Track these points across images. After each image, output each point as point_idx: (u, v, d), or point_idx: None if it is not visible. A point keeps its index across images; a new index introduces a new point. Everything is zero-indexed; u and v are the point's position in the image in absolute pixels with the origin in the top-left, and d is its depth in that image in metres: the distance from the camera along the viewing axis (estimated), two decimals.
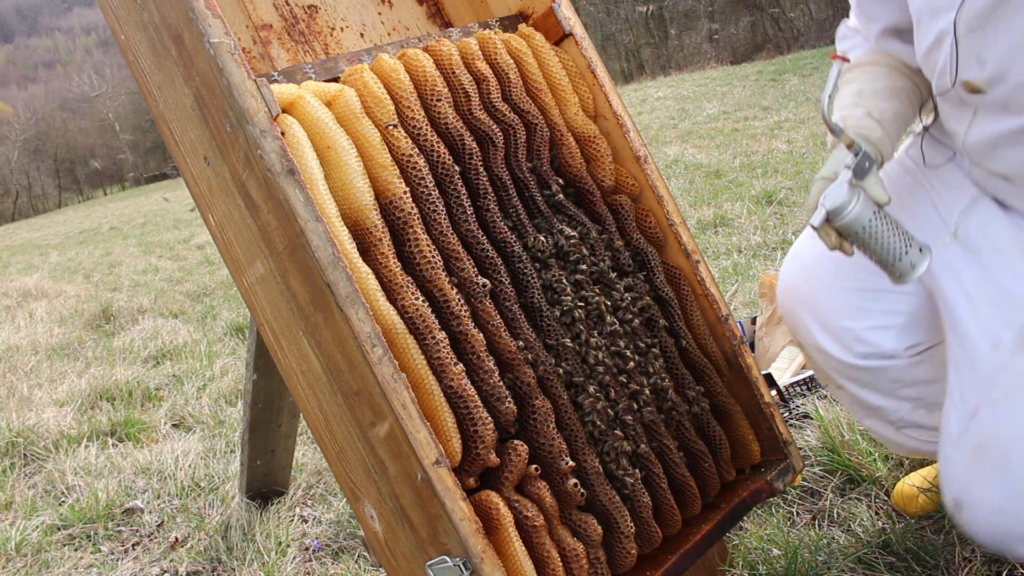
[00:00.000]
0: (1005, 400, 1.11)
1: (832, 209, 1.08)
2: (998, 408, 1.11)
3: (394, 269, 1.00)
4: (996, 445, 1.10)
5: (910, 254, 1.09)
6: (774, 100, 8.28)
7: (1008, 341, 1.12)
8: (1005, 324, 1.13)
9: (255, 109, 0.93)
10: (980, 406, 1.13)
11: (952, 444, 1.16)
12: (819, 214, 1.09)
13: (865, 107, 1.19)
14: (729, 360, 1.33)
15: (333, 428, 1.04)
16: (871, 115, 1.18)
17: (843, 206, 1.07)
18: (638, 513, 1.14)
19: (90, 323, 4.61)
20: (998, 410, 1.11)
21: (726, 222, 3.96)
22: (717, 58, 18.58)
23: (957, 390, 1.18)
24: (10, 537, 2.02)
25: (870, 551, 1.44)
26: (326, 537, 1.85)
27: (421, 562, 1.00)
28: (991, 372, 1.13)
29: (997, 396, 1.12)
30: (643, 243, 1.28)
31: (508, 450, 1.02)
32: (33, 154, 43.52)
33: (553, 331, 1.11)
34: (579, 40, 1.30)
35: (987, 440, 1.11)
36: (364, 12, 1.42)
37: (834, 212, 1.08)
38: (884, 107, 1.19)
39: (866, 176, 1.09)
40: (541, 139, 1.21)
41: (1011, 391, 1.10)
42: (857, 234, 1.08)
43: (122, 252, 8.94)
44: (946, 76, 1.08)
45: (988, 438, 1.11)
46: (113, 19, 1.10)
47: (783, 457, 1.33)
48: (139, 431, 2.65)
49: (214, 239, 1.10)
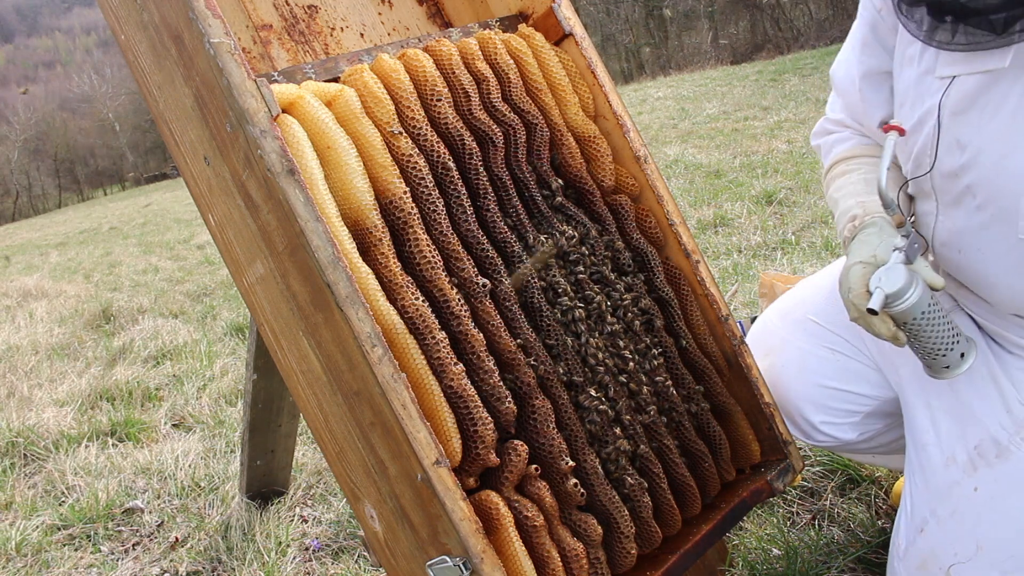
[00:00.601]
0: (951, 519, 1.08)
1: (892, 293, 1.00)
2: (944, 526, 1.08)
3: (394, 269, 1.00)
4: (936, 565, 1.08)
5: (955, 350, 1.03)
6: (774, 100, 8.28)
7: (962, 459, 1.10)
8: (961, 441, 1.11)
9: (255, 109, 0.93)
10: (927, 521, 1.11)
11: (899, 559, 1.15)
12: (878, 298, 1.01)
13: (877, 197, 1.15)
14: (729, 360, 1.33)
15: (333, 428, 1.04)
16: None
17: (903, 290, 1.00)
18: (638, 513, 1.14)
19: (90, 323, 4.61)
20: (944, 528, 1.08)
21: (726, 222, 3.96)
22: (717, 58, 18.58)
23: (909, 500, 1.16)
24: (10, 537, 2.02)
25: (870, 551, 1.44)
26: (326, 537, 1.85)
27: (421, 562, 1.00)
28: (943, 487, 1.10)
29: (944, 514, 1.09)
30: (643, 243, 1.28)
31: (508, 450, 1.02)
32: (33, 154, 43.52)
33: (553, 331, 1.11)
34: (579, 40, 1.30)
35: (930, 557, 1.09)
36: (364, 12, 1.42)
37: (893, 296, 1.01)
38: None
39: (916, 259, 1.04)
40: (541, 139, 1.21)
41: (958, 510, 1.08)
42: (914, 320, 1.02)
43: (122, 252, 8.95)
44: (925, 158, 1.05)
45: (931, 556, 1.09)
46: (113, 19, 1.10)
47: (783, 457, 1.33)
48: (139, 431, 2.65)
49: (214, 239, 1.10)
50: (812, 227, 3.58)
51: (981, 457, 1.08)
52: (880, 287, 1.01)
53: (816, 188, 4.24)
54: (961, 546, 1.06)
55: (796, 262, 3.11)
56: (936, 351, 1.03)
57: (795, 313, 1.41)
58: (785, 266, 3.11)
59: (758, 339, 1.44)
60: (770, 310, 1.48)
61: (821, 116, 1.36)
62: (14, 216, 37.91)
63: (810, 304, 1.39)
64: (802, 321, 1.38)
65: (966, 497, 1.07)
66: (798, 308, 1.41)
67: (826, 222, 3.58)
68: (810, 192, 4.21)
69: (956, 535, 1.07)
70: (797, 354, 1.35)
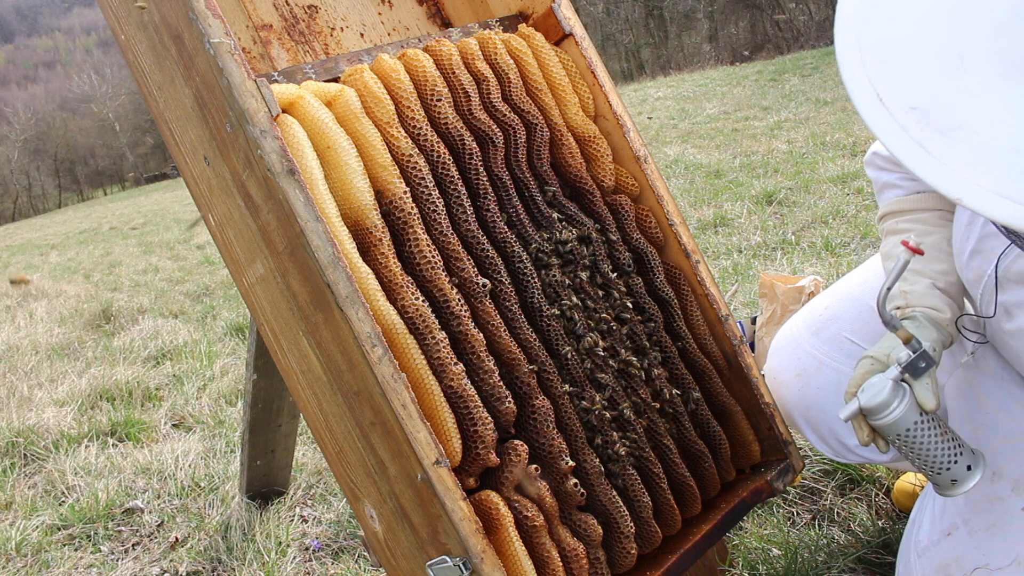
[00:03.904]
0: (987, 531, 1.04)
1: (868, 408, 0.96)
2: (975, 537, 1.04)
3: (394, 269, 1.00)
4: (960, 570, 1.04)
5: (958, 464, 0.97)
6: (774, 100, 8.28)
7: (1012, 477, 1.05)
8: (1014, 459, 1.06)
9: (255, 109, 0.93)
10: (958, 527, 1.06)
11: (917, 552, 1.11)
12: (850, 408, 0.97)
13: (929, 275, 1.09)
14: (729, 360, 1.33)
15: (333, 428, 1.04)
16: (936, 286, 1.08)
17: (882, 406, 0.96)
18: (638, 513, 1.14)
19: (90, 323, 4.61)
20: (975, 538, 1.04)
21: (726, 222, 3.96)
22: (717, 58, 18.58)
23: (940, 502, 1.11)
24: (10, 537, 2.02)
25: (870, 551, 1.44)
26: (326, 537, 1.85)
27: (421, 562, 1.00)
28: (982, 500, 1.06)
29: (979, 525, 1.05)
30: (643, 243, 1.28)
31: (508, 450, 1.02)
32: (33, 154, 43.52)
33: (553, 331, 1.11)
34: (579, 40, 1.30)
35: (953, 562, 1.05)
36: (364, 12, 1.42)
37: (870, 411, 0.97)
38: (946, 268, 1.09)
39: (919, 376, 0.98)
40: (541, 139, 1.21)
41: (998, 525, 1.03)
42: (899, 436, 0.98)
43: (122, 252, 8.94)
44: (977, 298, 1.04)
45: (954, 561, 1.05)
46: (113, 19, 1.10)
47: (783, 457, 1.33)
48: (139, 431, 2.65)
49: (214, 239, 1.10)
50: (812, 227, 3.58)
51: None
52: (859, 396, 0.98)
53: (816, 188, 4.25)
54: (995, 557, 1.02)
55: (796, 262, 3.11)
56: (934, 466, 0.99)
57: (828, 330, 1.36)
58: (785, 266, 3.11)
59: (786, 355, 1.39)
60: (798, 323, 1.42)
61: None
62: (14, 216, 37.91)
63: (845, 322, 1.34)
64: (837, 339, 1.33)
65: (1010, 514, 1.03)
66: (831, 325, 1.36)
67: (826, 222, 3.59)
68: (810, 192, 4.21)
69: (990, 546, 1.03)
70: (834, 376, 1.30)
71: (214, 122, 0.98)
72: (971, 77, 0.67)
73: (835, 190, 4.13)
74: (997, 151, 0.64)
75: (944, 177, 0.66)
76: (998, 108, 0.65)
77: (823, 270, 2.93)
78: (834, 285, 1.45)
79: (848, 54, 0.73)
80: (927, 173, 0.67)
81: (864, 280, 1.38)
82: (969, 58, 0.67)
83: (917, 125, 0.68)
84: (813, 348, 1.35)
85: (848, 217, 3.60)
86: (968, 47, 0.68)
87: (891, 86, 0.70)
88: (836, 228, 3.46)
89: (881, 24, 0.73)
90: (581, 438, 1.09)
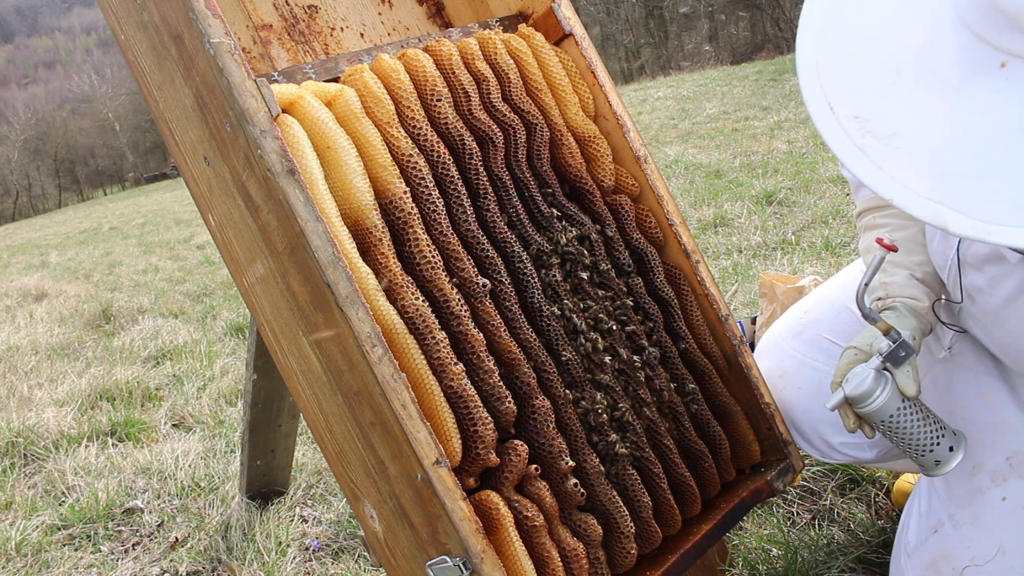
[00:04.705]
0: (971, 525, 1.07)
1: (853, 396, 1.02)
2: (961, 531, 1.08)
3: (394, 269, 1.00)
4: (948, 566, 1.07)
5: (941, 446, 1.03)
6: (774, 100, 8.28)
7: (990, 469, 1.09)
8: (990, 452, 1.10)
9: (255, 109, 0.93)
10: (943, 523, 1.10)
11: (906, 554, 1.14)
12: (836, 397, 1.04)
13: (907, 266, 1.14)
14: (729, 360, 1.33)
15: (333, 428, 1.04)
16: (914, 276, 1.13)
17: (865, 395, 1.02)
18: (638, 513, 1.14)
19: (90, 323, 4.61)
20: (961, 532, 1.08)
21: (726, 222, 3.96)
22: (717, 58, 18.58)
23: (926, 502, 1.15)
24: (10, 537, 2.02)
25: (870, 551, 1.44)
26: (326, 537, 1.85)
27: (421, 562, 1.00)
28: (965, 494, 1.10)
29: (964, 519, 1.08)
30: (643, 243, 1.28)
31: (508, 450, 1.02)
32: (33, 154, 43.51)
33: (553, 331, 1.11)
34: (579, 40, 1.30)
35: (940, 558, 1.08)
36: (364, 12, 1.42)
37: (855, 399, 1.03)
38: (922, 259, 1.14)
39: (900, 364, 1.04)
40: (541, 139, 1.21)
41: (981, 517, 1.07)
42: (883, 422, 1.03)
43: (122, 252, 8.94)
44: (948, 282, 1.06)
45: (942, 557, 1.08)
46: (113, 19, 1.10)
47: (783, 457, 1.33)
48: (139, 431, 2.65)
49: (214, 239, 1.10)
50: (812, 227, 3.58)
51: (1013, 468, 1.07)
52: (843, 386, 1.04)
53: (816, 188, 4.25)
54: (980, 550, 1.05)
55: (796, 262, 3.11)
56: (919, 449, 1.05)
57: (808, 332, 1.39)
58: (785, 266, 3.11)
59: (770, 359, 1.42)
60: (780, 328, 1.45)
61: None
62: (14, 216, 37.91)
63: (824, 323, 1.38)
64: (817, 340, 1.36)
65: (991, 506, 1.06)
66: (811, 327, 1.39)
67: (826, 222, 3.59)
68: (810, 192, 4.21)
69: (975, 540, 1.06)
70: (814, 375, 1.34)
71: (214, 122, 0.98)
72: (904, 88, 0.73)
73: (835, 190, 4.13)
74: (923, 155, 0.71)
75: (879, 179, 0.72)
76: (923, 116, 0.72)
77: (823, 270, 2.93)
78: (814, 290, 1.50)
79: (806, 65, 0.79)
80: (865, 175, 0.73)
81: (842, 283, 1.42)
82: (904, 70, 0.74)
83: (859, 132, 0.74)
84: (794, 350, 1.39)
85: (848, 217, 3.60)
86: (903, 60, 0.74)
87: (840, 95, 0.76)
88: (836, 228, 3.47)
89: (836, 38, 0.79)
90: (581, 438, 1.09)
